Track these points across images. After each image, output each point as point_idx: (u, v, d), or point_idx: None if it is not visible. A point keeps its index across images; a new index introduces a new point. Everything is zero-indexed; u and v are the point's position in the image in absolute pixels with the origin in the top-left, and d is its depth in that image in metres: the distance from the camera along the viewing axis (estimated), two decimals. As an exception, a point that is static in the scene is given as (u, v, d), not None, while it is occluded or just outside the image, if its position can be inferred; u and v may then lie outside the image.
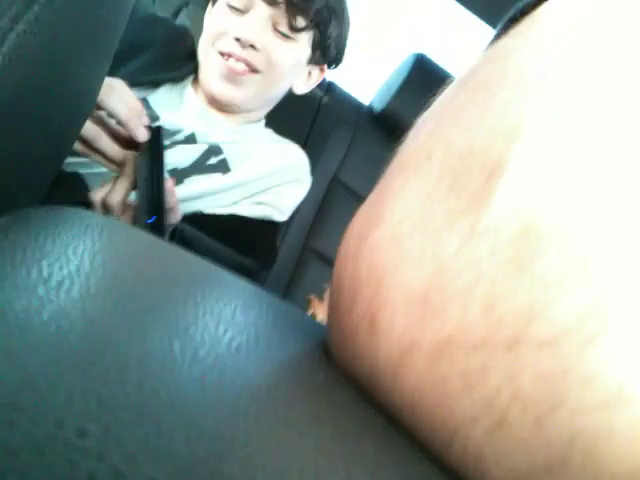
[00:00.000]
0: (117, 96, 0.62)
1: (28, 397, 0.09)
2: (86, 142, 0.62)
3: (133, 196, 0.64)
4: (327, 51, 0.93)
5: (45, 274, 0.13)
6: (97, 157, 0.64)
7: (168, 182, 0.65)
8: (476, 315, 0.13)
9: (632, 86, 0.13)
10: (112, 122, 0.63)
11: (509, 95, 0.14)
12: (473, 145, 0.15)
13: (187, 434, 0.10)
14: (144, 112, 0.66)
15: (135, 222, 0.64)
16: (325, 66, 0.98)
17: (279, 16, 0.83)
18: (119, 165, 0.65)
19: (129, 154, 0.64)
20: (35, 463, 0.08)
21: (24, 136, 0.25)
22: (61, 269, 0.14)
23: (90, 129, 0.61)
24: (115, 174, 0.65)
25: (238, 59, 0.83)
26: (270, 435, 0.11)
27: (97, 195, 0.64)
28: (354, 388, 0.16)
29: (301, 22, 0.84)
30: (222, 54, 0.84)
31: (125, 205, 0.64)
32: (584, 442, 0.11)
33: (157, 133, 0.66)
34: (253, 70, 0.85)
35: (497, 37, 0.17)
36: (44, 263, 0.14)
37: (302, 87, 0.98)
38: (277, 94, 0.94)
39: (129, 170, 0.64)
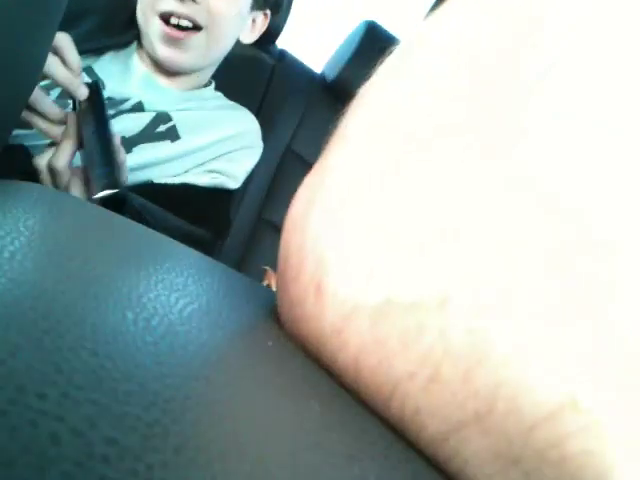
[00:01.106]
0: (54, 58, 0.60)
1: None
2: (27, 106, 0.59)
3: (78, 159, 0.63)
4: None
5: (-3, 247, 0.14)
6: (39, 122, 0.61)
7: (116, 137, 0.63)
8: (410, 277, 0.14)
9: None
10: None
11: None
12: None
13: (141, 398, 0.10)
14: (81, 69, 0.63)
15: (87, 181, 0.61)
16: (268, 11, 0.96)
17: None
18: (60, 127, 0.62)
19: (70, 114, 0.62)
20: (-1, 424, 0.08)
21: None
22: (13, 242, 0.14)
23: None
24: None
25: (179, 16, 0.80)
26: (220, 398, 0.12)
27: (42, 160, 0.62)
28: (302, 353, 0.17)
29: None
30: (162, 17, 0.81)
31: (72, 169, 0.62)
32: (507, 391, 0.12)
33: (96, 88, 0.64)
34: (195, 27, 0.82)
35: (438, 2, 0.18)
36: (-5, 236, 0.14)
37: (248, 36, 0.96)
38: (224, 49, 0.92)
39: (72, 130, 0.62)
